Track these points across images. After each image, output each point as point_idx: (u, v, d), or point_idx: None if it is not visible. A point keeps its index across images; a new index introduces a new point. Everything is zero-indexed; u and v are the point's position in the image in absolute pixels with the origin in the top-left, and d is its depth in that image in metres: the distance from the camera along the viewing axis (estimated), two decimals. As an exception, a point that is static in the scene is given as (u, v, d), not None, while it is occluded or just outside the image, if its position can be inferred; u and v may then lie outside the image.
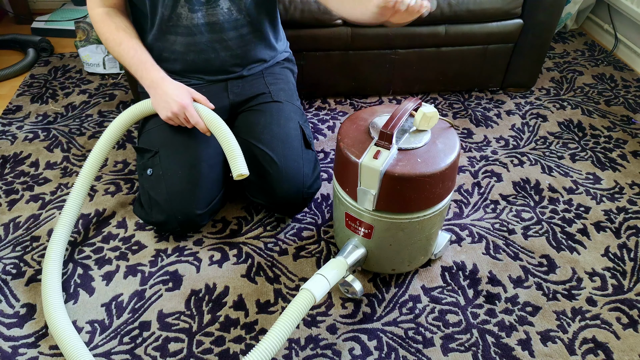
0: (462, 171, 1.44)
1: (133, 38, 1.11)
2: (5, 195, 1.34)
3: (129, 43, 1.10)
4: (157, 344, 1.00)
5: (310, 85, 1.68)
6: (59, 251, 1.10)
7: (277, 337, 0.85)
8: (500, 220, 1.28)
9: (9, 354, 0.99)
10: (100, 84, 1.82)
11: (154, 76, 1.09)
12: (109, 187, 1.37)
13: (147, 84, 1.10)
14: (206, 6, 1.09)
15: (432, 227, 1.02)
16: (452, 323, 1.05)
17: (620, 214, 1.30)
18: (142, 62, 1.10)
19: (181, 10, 1.09)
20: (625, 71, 1.92)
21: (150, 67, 1.10)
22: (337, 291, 1.10)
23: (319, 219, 1.28)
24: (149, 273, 1.14)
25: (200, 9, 1.09)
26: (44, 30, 2.13)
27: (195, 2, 1.08)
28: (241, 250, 1.20)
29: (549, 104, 1.73)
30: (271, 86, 1.24)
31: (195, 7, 1.08)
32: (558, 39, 2.14)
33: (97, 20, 1.11)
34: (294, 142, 1.15)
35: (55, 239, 1.10)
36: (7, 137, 1.56)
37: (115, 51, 1.11)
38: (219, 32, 1.13)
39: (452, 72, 1.70)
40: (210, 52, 1.16)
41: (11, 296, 1.09)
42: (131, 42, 1.10)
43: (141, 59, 1.10)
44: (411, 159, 0.91)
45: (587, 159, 1.49)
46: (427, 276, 1.14)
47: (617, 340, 1.02)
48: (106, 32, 1.10)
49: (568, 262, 1.18)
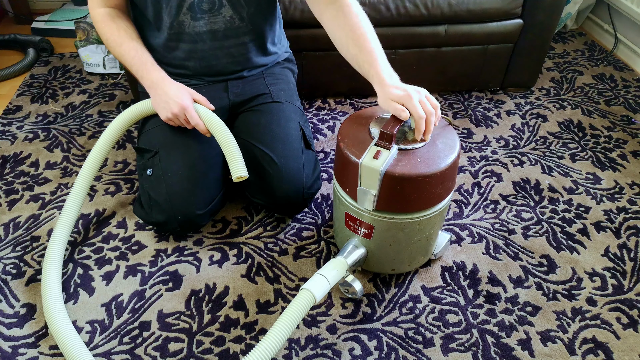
0: (462, 171, 1.44)
1: (134, 39, 1.11)
2: (5, 195, 1.34)
3: (130, 44, 1.10)
4: (157, 344, 1.00)
5: (310, 85, 1.68)
6: (59, 251, 1.10)
7: (277, 337, 0.85)
8: (500, 220, 1.28)
9: (9, 354, 0.99)
10: (100, 84, 1.82)
11: (154, 77, 1.09)
12: (109, 187, 1.37)
13: (147, 85, 1.10)
14: (208, 14, 1.09)
15: (432, 227, 1.02)
16: (452, 323, 1.05)
17: (620, 214, 1.30)
18: (143, 63, 1.10)
19: (184, 18, 1.09)
20: (625, 71, 1.92)
21: (151, 68, 1.10)
22: (337, 291, 1.10)
23: (319, 219, 1.28)
24: (149, 273, 1.14)
25: (203, 17, 1.09)
26: (44, 30, 2.13)
27: (198, 10, 1.08)
28: (241, 250, 1.20)
29: (549, 104, 1.73)
30: (271, 86, 1.24)
31: (198, 15, 1.08)
32: (558, 39, 2.14)
33: (98, 20, 1.11)
34: (294, 143, 1.15)
35: (55, 239, 1.10)
36: (7, 137, 1.56)
37: (116, 51, 1.11)
38: (221, 40, 1.13)
39: (452, 72, 1.69)
40: (211, 59, 1.16)
41: (11, 296, 1.09)
42: (132, 43, 1.10)
43: (142, 59, 1.10)
44: (411, 159, 0.91)
45: (587, 159, 1.49)
46: (427, 276, 1.14)
47: (617, 340, 1.02)
48: (107, 33, 1.10)
49: (568, 262, 1.18)
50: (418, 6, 1.51)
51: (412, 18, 1.53)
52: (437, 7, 1.52)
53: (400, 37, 1.57)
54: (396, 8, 1.51)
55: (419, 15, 1.53)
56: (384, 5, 1.50)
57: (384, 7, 1.50)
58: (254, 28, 1.15)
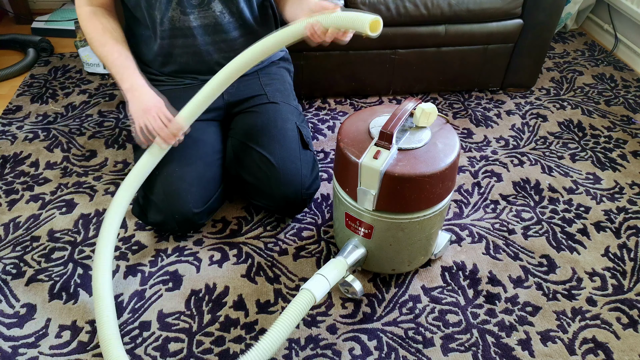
0: (462, 171, 1.44)
1: (119, 42, 1.09)
2: (5, 195, 1.34)
3: (115, 46, 1.08)
4: (157, 344, 1.00)
5: (310, 85, 1.68)
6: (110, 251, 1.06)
7: (277, 336, 0.85)
8: (500, 220, 1.28)
9: (9, 354, 0.99)
10: (100, 84, 1.82)
11: (134, 81, 1.07)
12: (109, 187, 1.37)
13: (126, 87, 1.07)
14: (198, 9, 1.08)
15: (432, 227, 1.02)
16: (452, 323, 1.05)
17: (620, 214, 1.30)
18: (125, 67, 1.08)
19: (173, 13, 1.08)
20: (625, 71, 1.92)
21: (133, 72, 1.08)
22: (337, 291, 1.10)
23: (319, 219, 1.28)
24: (149, 273, 1.14)
25: (193, 11, 1.08)
26: (44, 30, 2.13)
27: (187, 4, 1.07)
28: (241, 250, 1.20)
29: (549, 104, 1.73)
30: (267, 87, 1.24)
31: (188, 10, 1.08)
32: (558, 39, 2.14)
33: (83, 18, 1.10)
34: (291, 144, 1.15)
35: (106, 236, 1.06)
36: (7, 137, 1.56)
37: (98, 51, 1.09)
38: (212, 35, 1.13)
39: (452, 72, 1.70)
40: (203, 54, 1.15)
41: (11, 296, 1.09)
42: (117, 46, 1.08)
43: (125, 63, 1.08)
44: (411, 159, 0.91)
45: (587, 159, 1.49)
46: (427, 276, 1.14)
47: (617, 340, 1.02)
48: (92, 32, 1.09)
49: (568, 262, 1.18)
50: (418, 6, 1.51)
51: (412, 18, 1.53)
52: (437, 7, 1.52)
53: (400, 37, 1.57)
54: (396, 8, 1.51)
55: (419, 15, 1.53)
56: (384, 5, 1.50)
57: (384, 7, 1.50)
58: (245, 23, 1.15)
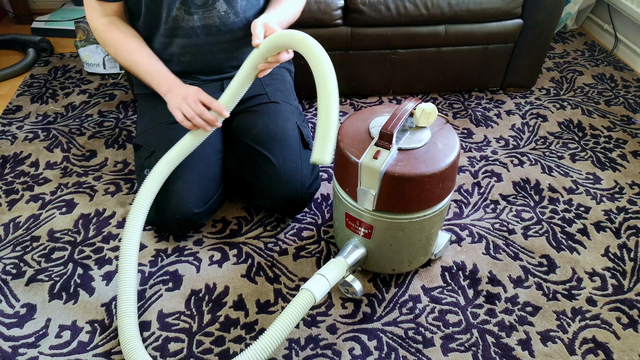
0: (462, 171, 1.44)
1: (144, 47, 1.10)
2: (5, 195, 1.34)
3: (142, 52, 1.09)
4: (157, 344, 1.00)
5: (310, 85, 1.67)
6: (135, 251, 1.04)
7: (276, 336, 0.86)
8: (500, 220, 1.28)
9: (9, 354, 0.99)
10: (100, 84, 1.82)
11: (172, 82, 1.08)
12: (109, 187, 1.37)
13: (164, 91, 1.08)
14: (202, 9, 1.09)
15: (432, 227, 1.02)
16: (452, 323, 1.05)
17: (620, 214, 1.30)
18: (158, 71, 1.09)
19: (177, 13, 1.08)
20: (625, 71, 1.92)
21: (167, 74, 1.09)
22: (337, 291, 1.10)
23: (319, 219, 1.28)
24: (149, 273, 1.14)
25: (197, 11, 1.09)
26: (44, 30, 2.13)
27: (192, 4, 1.07)
28: (241, 250, 1.20)
29: (549, 104, 1.73)
30: (267, 87, 1.24)
31: (192, 10, 1.08)
32: (558, 39, 2.14)
33: (102, 29, 1.10)
34: (292, 143, 1.15)
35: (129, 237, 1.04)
36: (7, 137, 1.56)
37: (125, 59, 1.10)
38: (216, 35, 1.13)
39: (452, 72, 1.69)
40: (206, 54, 1.15)
41: (11, 296, 1.09)
42: (144, 51, 1.10)
43: (156, 67, 1.09)
44: (411, 159, 0.91)
45: (587, 159, 1.49)
46: (427, 276, 1.14)
47: (617, 340, 1.02)
48: (115, 42, 1.09)
49: (568, 262, 1.18)
50: (418, 6, 1.51)
51: (412, 18, 1.53)
52: (437, 7, 1.52)
53: (400, 37, 1.57)
54: (396, 8, 1.51)
55: (419, 15, 1.53)
56: (384, 5, 1.50)
57: (384, 7, 1.50)
58: (248, 23, 1.15)
